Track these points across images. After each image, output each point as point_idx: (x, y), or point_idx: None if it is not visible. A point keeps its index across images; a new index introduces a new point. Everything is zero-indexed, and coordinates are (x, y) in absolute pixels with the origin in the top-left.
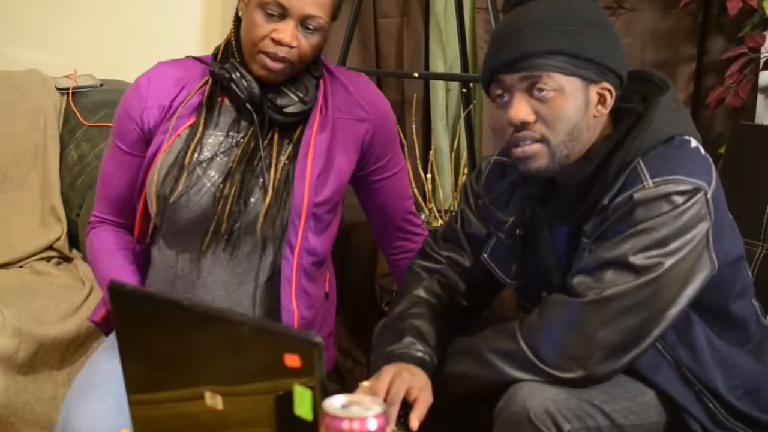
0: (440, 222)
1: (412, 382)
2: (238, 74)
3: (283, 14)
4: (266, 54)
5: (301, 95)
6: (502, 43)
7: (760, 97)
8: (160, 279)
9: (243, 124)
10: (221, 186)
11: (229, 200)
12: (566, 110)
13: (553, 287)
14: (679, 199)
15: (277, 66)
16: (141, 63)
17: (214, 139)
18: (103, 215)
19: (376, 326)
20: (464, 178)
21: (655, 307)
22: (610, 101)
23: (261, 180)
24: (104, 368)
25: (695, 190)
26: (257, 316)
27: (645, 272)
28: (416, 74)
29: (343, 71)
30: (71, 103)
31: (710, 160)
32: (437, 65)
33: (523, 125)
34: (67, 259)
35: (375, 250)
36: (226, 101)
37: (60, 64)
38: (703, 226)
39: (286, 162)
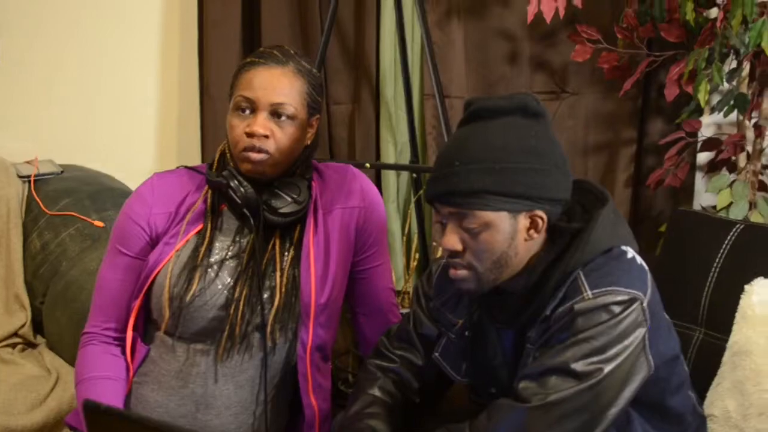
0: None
1: None
2: (236, 182)
3: (253, 108)
4: (247, 149)
5: (294, 196)
6: (437, 174)
7: (698, 177)
8: (167, 378)
9: (246, 230)
10: (232, 290)
11: (241, 303)
12: (492, 243)
13: (501, 384)
14: (616, 309)
15: (257, 157)
16: (100, 148)
17: (221, 244)
18: (99, 329)
19: (333, 421)
20: (415, 262)
21: (595, 410)
22: (542, 225)
23: (268, 282)
24: None
25: (632, 300)
26: (270, 413)
27: (586, 378)
28: (368, 164)
29: (330, 165)
30: (33, 191)
31: (646, 268)
32: (388, 151)
33: (453, 253)
34: (33, 345)
35: None
36: (226, 210)
37: (19, 148)
38: (640, 332)
39: (290, 266)
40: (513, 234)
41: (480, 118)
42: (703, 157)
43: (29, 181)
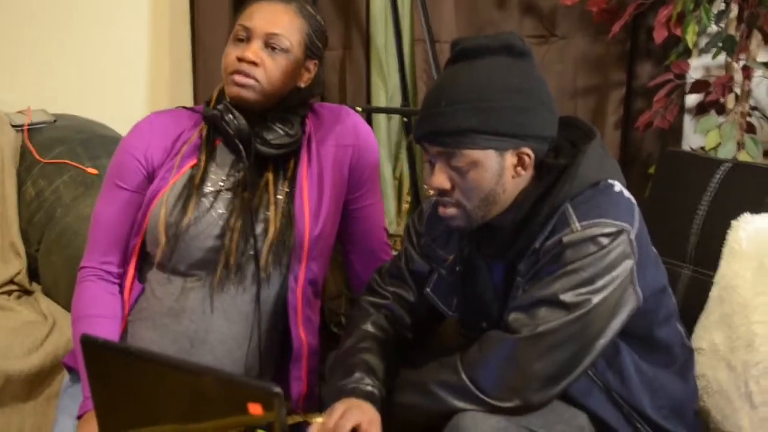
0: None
1: (362, 417)
2: (230, 115)
3: (249, 36)
4: (234, 72)
5: (286, 129)
6: (424, 114)
7: (686, 119)
8: (160, 315)
9: (240, 164)
10: (228, 220)
11: (236, 234)
12: (480, 181)
13: (491, 318)
14: (604, 241)
15: (243, 80)
16: (92, 97)
17: (216, 176)
18: (96, 263)
19: (327, 358)
20: (407, 205)
21: (584, 340)
22: (529, 162)
23: (262, 215)
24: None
25: (619, 232)
26: (263, 347)
27: (574, 309)
28: (359, 108)
29: (325, 105)
30: (26, 140)
31: (633, 201)
32: (379, 96)
33: (442, 192)
34: (28, 293)
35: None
36: (222, 144)
37: (11, 99)
38: (628, 264)
39: (284, 199)
40: (500, 171)
41: (466, 57)
42: (691, 99)
43: (22, 131)
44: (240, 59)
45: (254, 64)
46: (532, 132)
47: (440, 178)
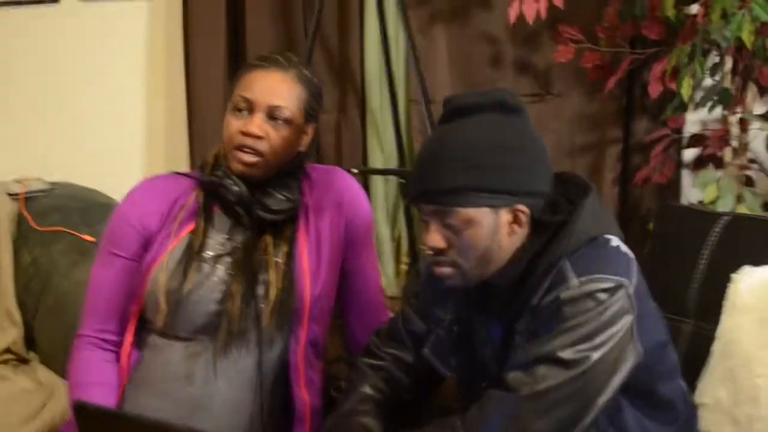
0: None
1: None
2: (229, 180)
3: (251, 108)
4: (239, 149)
5: (286, 194)
6: (417, 174)
7: (684, 173)
8: (161, 381)
9: (239, 228)
10: (229, 284)
11: (237, 299)
12: (475, 240)
13: (490, 378)
14: (602, 296)
15: (250, 159)
16: (89, 165)
17: (215, 241)
18: (92, 332)
19: (326, 420)
20: (405, 266)
21: (585, 398)
22: (525, 219)
23: (263, 278)
24: None
25: (617, 287)
26: (265, 411)
27: (574, 366)
28: (355, 170)
29: (317, 167)
30: (23, 208)
31: (631, 256)
32: (375, 157)
33: (437, 251)
34: (24, 361)
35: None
36: (219, 210)
37: (8, 167)
38: (627, 319)
39: (284, 261)
40: (496, 229)
41: (458, 115)
42: (689, 154)
43: (19, 199)
44: (244, 133)
45: (259, 137)
46: (526, 189)
47: (435, 238)
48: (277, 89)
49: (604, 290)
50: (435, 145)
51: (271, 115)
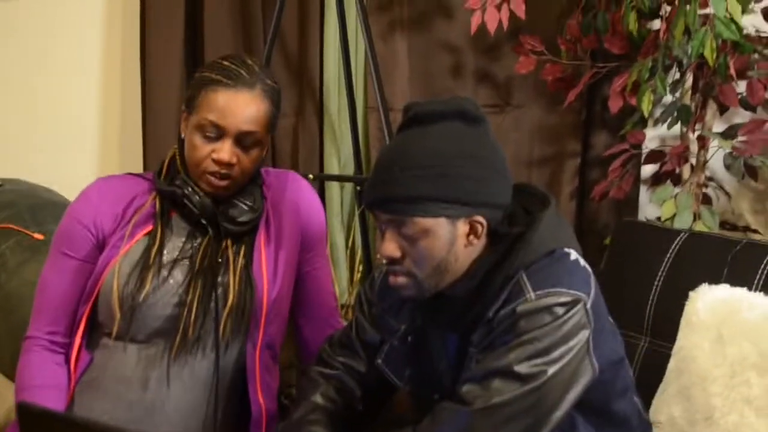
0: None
1: None
2: (190, 189)
3: (220, 134)
4: (211, 174)
5: (249, 204)
6: (374, 181)
7: (642, 189)
8: (113, 384)
9: (198, 232)
10: (186, 289)
11: (194, 305)
12: (431, 250)
13: (444, 390)
14: (560, 310)
15: (222, 183)
16: (40, 162)
17: (173, 245)
18: (41, 333)
19: (277, 428)
20: (359, 275)
21: (539, 413)
22: (482, 230)
23: (220, 280)
24: None
25: (575, 302)
26: (220, 415)
27: (529, 380)
28: (311, 176)
29: (270, 171)
30: None
31: (589, 270)
32: (332, 164)
33: (392, 260)
34: None
35: None
36: (176, 215)
37: None
38: (584, 334)
39: (243, 266)
40: (452, 240)
41: (418, 123)
42: (647, 170)
43: None
44: (215, 161)
45: (230, 165)
46: (485, 200)
47: (390, 247)
48: (246, 114)
49: (562, 304)
50: (393, 153)
51: (242, 140)
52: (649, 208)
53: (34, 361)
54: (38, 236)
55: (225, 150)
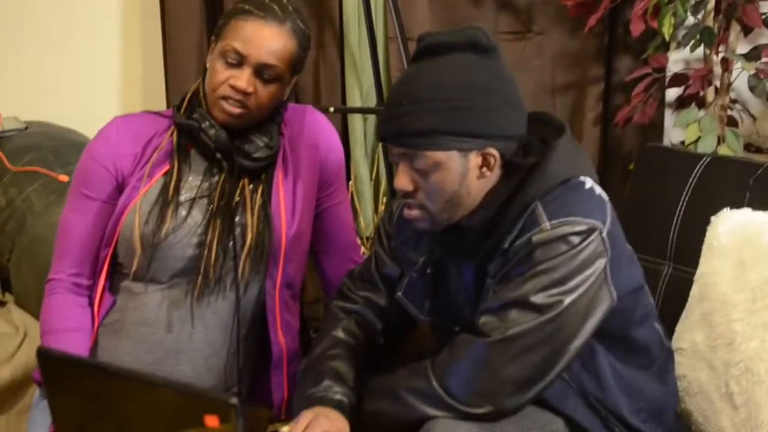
0: (363, 248)
1: (330, 426)
2: (207, 123)
3: (241, 62)
4: (225, 99)
5: (266, 140)
6: (386, 115)
7: (667, 113)
8: (135, 325)
9: (216, 169)
10: (205, 229)
11: (214, 244)
12: (444, 183)
13: (464, 322)
14: (575, 240)
15: (235, 110)
16: (64, 103)
17: (191, 184)
18: (65, 275)
19: (300, 364)
20: (384, 206)
21: (557, 342)
22: (495, 162)
23: (239, 220)
24: None
25: (590, 230)
26: (241, 354)
27: (546, 310)
28: (331, 109)
29: (288, 107)
30: None
31: (605, 198)
32: (354, 96)
33: (406, 193)
34: (1, 303)
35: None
36: (194, 150)
37: None
38: (600, 263)
39: (260, 205)
40: (464, 173)
41: (430, 54)
42: (671, 93)
43: None
44: (232, 87)
45: (247, 93)
46: (497, 132)
47: (403, 180)
48: (271, 46)
49: (577, 233)
50: (404, 86)
51: (261, 71)
52: (675, 132)
53: (58, 303)
54: (63, 178)
55: (243, 78)
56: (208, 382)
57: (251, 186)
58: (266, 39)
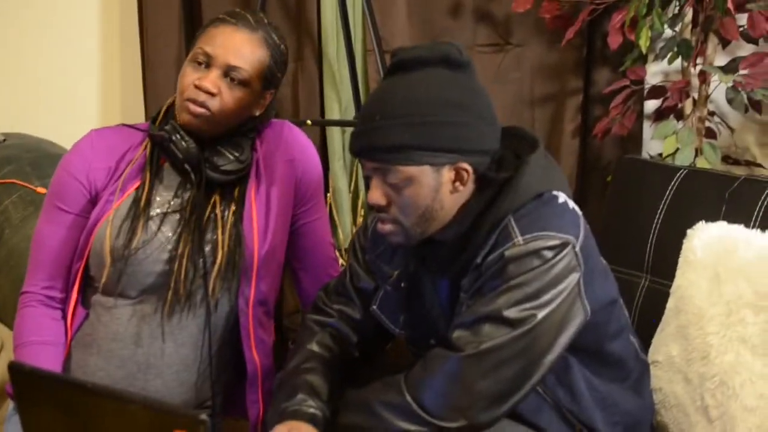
0: (341, 261)
1: None
2: (177, 135)
3: (209, 63)
4: (190, 100)
5: (237, 154)
6: (359, 129)
7: (645, 125)
8: (106, 340)
9: (188, 185)
10: (176, 245)
11: (185, 260)
12: (416, 198)
13: (439, 335)
14: (548, 254)
15: (198, 110)
16: (42, 115)
17: (163, 198)
18: (37, 289)
19: (275, 378)
20: (361, 219)
21: (531, 357)
22: (468, 177)
23: (210, 236)
24: None
25: (563, 245)
26: (214, 370)
27: (519, 325)
28: (309, 122)
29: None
30: None
31: (578, 212)
32: (332, 108)
33: (379, 208)
34: None
35: (281, 289)
36: (167, 164)
37: None
38: (574, 277)
39: (231, 219)
40: (437, 187)
41: (402, 69)
42: (650, 105)
43: None
44: (197, 87)
45: (211, 94)
46: (469, 147)
47: (376, 194)
48: (239, 49)
49: (550, 248)
50: (376, 101)
51: (228, 74)
52: (653, 144)
53: (31, 316)
54: (41, 190)
55: (209, 78)
56: (179, 397)
57: (223, 202)
58: (235, 42)
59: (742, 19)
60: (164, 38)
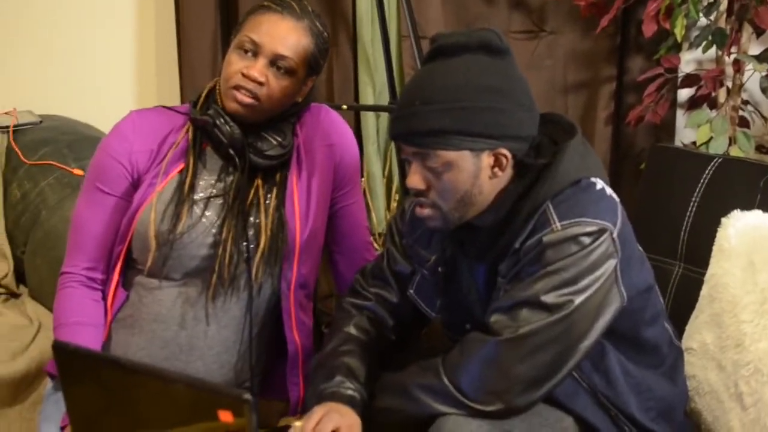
0: (376, 245)
1: (341, 422)
2: (222, 120)
3: (256, 52)
4: (237, 89)
5: (279, 139)
6: (398, 114)
7: (678, 114)
8: (148, 321)
9: (230, 168)
10: (220, 229)
11: (228, 244)
12: (455, 182)
13: (475, 320)
14: (586, 240)
15: (246, 100)
16: (79, 97)
17: (206, 182)
18: (78, 270)
19: (312, 360)
20: (395, 203)
21: (568, 342)
22: (507, 162)
23: (253, 221)
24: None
25: (601, 231)
26: (254, 352)
27: (556, 310)
28: (344, 106)
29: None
30: (12, 141)
31: (616, 199)
32: (366, 93)
33: (418, 192)
34: (15, 295)
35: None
36: (210, 148)
37: None
38: (611, 264)
39: (275, 206)
40: (476, 172)
41: (442, 55)
42: (683, 94)
43: (8, 132)
44: (245, 76)
45: (259, 83)
46: (508, 132)
47: (415, 179)
48: (286, 38)
49: (588, 234)
50: (416, 86)
51: (275, 62)
52: (686, 132)
53: (71, 297)
54: (78, 172)
55: (257, 67)
56: (219, 378)
57: (265, 187)
58: (282, 31)
59: None
60: (200, 20)
